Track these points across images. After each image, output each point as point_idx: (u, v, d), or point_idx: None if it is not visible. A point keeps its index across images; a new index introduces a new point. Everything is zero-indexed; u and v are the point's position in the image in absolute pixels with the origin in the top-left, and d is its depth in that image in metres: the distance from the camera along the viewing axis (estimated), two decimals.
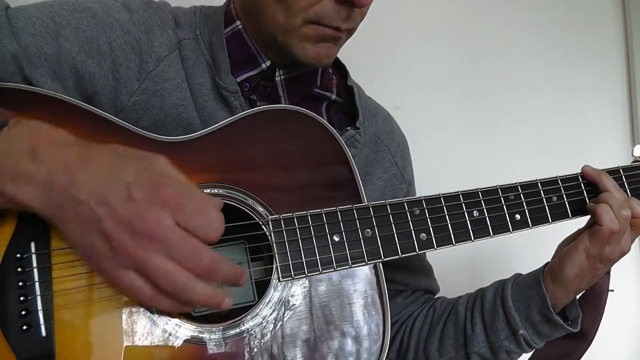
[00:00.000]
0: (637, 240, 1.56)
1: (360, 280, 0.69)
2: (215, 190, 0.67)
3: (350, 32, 0.78)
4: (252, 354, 0.63)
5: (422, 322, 0.93)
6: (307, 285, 0.67)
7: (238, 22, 0.80)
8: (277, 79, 0.81)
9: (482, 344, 0.86)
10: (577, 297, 0.85)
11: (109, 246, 0.52)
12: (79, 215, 0.52)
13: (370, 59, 1.39)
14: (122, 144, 0.64)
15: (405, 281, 0.95)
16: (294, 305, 0.66)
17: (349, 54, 0.90)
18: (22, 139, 0.54)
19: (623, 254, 0.80)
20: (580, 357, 0.87)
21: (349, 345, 0.67)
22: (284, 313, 0.65)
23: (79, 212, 0.52)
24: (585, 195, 0.82)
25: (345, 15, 0.73)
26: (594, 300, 0.85)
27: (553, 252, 0.86)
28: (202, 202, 0.55)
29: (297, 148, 0.72)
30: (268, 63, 0.80)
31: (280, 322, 0.65)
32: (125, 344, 0.58)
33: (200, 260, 0.53)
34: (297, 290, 0.67)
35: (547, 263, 0.85)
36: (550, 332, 0.83)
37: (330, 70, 0.88)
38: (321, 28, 0.73)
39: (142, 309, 0.59)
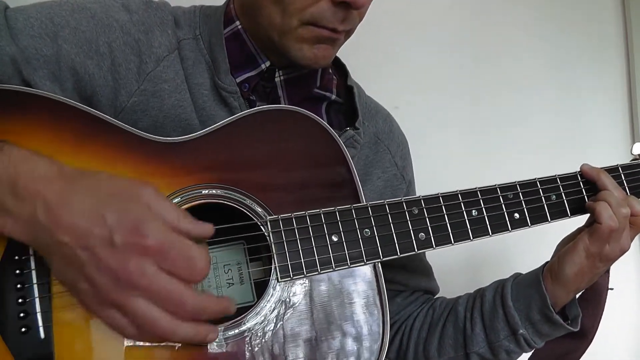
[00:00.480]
0: (637, 239, 1.56)
1: (359, 280, 0.69)
2: (214, 191, 0.67)
3: (348, 33, 0.77)
4: (252, 354, 0.63)
5: (421, 322, 0.93)
6: (306, 285, 0.67)
7: (237, 22, 0.80)
8: (277, 79, 0.81)
9: (482, 343, 0.86)
10: (577, 296, 0.84)
11: (92, 288, 0.52)
12: (63, 256, 0.52)
13: (370, 59, 1.39)
14: (121, 145, 0.65)
15: (405, 281, 0.95)
16: (293, 305, 0.66)
17: (349, 53, 0.90)
18: (2, 171, 0.53)
19: (623, 252, 0.80)
20: (581, 356, 0.86)
21: (349, 345, 0.67)
22: (283, 313, 0.65)
23: (62, 253, 0.52)
24: (585, 193, 0.82)
25: (342, 16, 0.72)
26: (594, 299, 0.85)
27: (552, 251, 0.86)
28: (184, 246, 0.53)
29: (295, 148, 0.71)
30: (267, 64, 0.79)
31: (280, 323, 0.65)
32: (125, 345, 0.58)
33: (183, 306, 0.53)
34: (296, 290, 0.67)
35: (547, 262, 0.85)
36: (550, 332, 0.83)
37: (330, 71, 0.88)
38: (318, 29, 0.73)
39: None
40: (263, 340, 0.64)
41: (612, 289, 0.84)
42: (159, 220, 0.53)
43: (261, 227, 0.66)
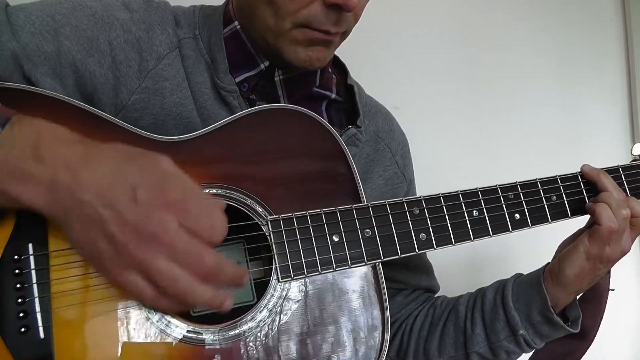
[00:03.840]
0: (637, 240, 1.56)
1: (359, 280, 0.69)
2: (214, 191, 0.66)
3: (343, 34, 0.77)
4: (252, 354, 0.63)
5: (422, 321, 0.93)
6: (307, 285, 0.67)
7: (236, 23, 0.80)
8: (276, 79, 0.81)
9: (482, 343, 0.86)
10: (578, 297, 0.84)
11: (113, 248, 0.52)
12: (83, 216, 0.52)
13: (370, 59, 1.39)
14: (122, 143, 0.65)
15: (405, 280, 0.95)
16: (293, 305, 0.66)
17: (348, 53, 0.90)
18: (25, 137, 0.53)
19: (623, 253, 0.80)
20: (582, 356, 0.86)
21: (349, 344, 0.67)
22: (283, 313, 0.65)
23: (83, 213, 0.52)
24: (585, 194, 0.82)
25: (334, 19, 0.72)
26: (594, 299, 0.85)
27: (553, 252, 0.86)
28: (206, 204, 0.54)
29: (296, 147, 0.71)
30: (267, 64, 0.79)
31: (280, 322, 0.65)
32: (123, 345, 0.58)
33: (203, 264, 0.53)
34: (297, 290, 0.66)
35: (548, 263, 0.85)
36: (550, 333, 0.83)
37: (330, 70, 0.88)
38: (311, 32, 0.73)
39: (140, 310, 0.59)
40: (262, 340, 0.64)
41: (613, 289, 0.84)
42: (179, 180, 0.54)
43: (262, 226, 0.66)
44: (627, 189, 0.85)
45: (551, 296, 0.81)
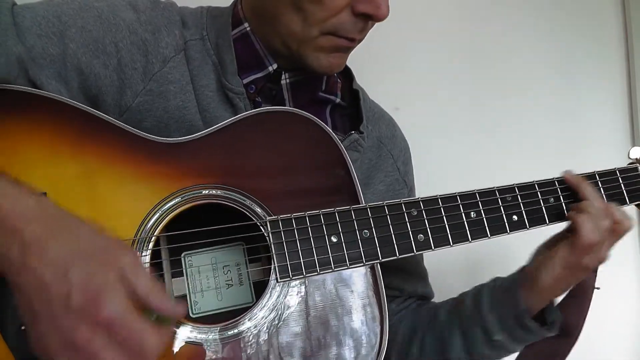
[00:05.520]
0: (637, 239, 1.56)
1: (358, 281, 0.69)
2: (214, 191, 0.67)
3: (360, 41, 0.78)
4: (249, 355, 0.63)
5: (406, 328, 0.92)
6: (305, 285, 0.67)
7: (246, 24, 0.80)
8: (283, 82, 0.81)
9: (459, 350, 0.84)
10: (566, 294, 0.83)
11: (42, 342, 0.50)
12: (24, 299, 0.50)
13: (371, 59, 1.39)
14: (122, 145, 0.65)
15: (401, 286, 0.94)
16: (292, 305, 0.66)
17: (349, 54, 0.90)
18: None
19: (601, 262, 0.78)
20: (567, 355, 0.85)
21: (348, 344, 0.67)
22: (282, 313, 0.66)
23: (23, 294, 0.50)
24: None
25: (361, 27, 0.74)
26: (579, 297, 0.83)
27: None
28: (137, 328, 0.49)
29: (296, 150, 0.72)
30: (275, 66, 0.80)
31: (278, 323, 0.65)
32: None
33: None
34: (295, 290, 0.67)
35: (524, 266, 0.84)
36: (525, 337, 0.81)
37: (335, 74, 0.88)
38: (336, 39, 0.74)
39: None
40: (260, 341, 0.64)
41: (598, 288, 0.84)
42: (122, 294, 0.49)
43: (261, 227, 0.67)
44: (625, 192, 0.84)
45: (525, 301, 0.79)
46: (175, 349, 0.61)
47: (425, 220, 0.72)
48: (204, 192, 0.67)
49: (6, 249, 0.50)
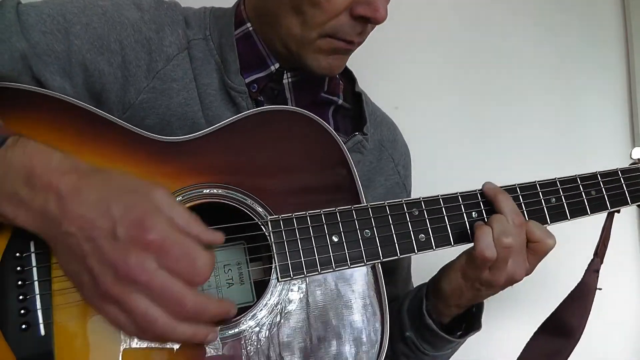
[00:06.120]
0: (637, 239, 1.56)
1: (359, 281, 0.69)
2: (215, 191, 0.67)
3: (360, 43, 0.79)
4: (250, 354, 0.63)
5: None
6: (306, 285, 0.67)
7: (249, 24, 0.80)
8: (285, 81, 0.82)
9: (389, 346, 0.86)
10: (568, 294, 0.83)
11: (92, 281, 0.51)
12: (67, 247, 0.52)
13: (370, 59, 1.38)
14: (123, 144, 0.65)
15: (396, 293, 0.94)
16: (293, 304, 0.66)
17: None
18: (18, 162, 0.53)
19: (513, 280, 0.74)
20: (569, 355, 0.85)
21: (348, 344, 0.67)
22: (283, 313, 0.66)
23: (68, 243, 0.52)
24: (584, 197, 0.82)
25: (360, 29, 0.74)
26: (581, 298, 0.83)
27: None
28: (187, 245, 0.52)
29: (297, 149, 0.72)
30: (277, 65, 0.80)
31: (279, 322, 0.65)
32: (124, 343, 0.58)
33: (182, 305, 0.51)
34: (296, 290, 0.67)
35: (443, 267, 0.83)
36: (431, 339, 0.81)
37: (337, 75, 0.89)
38: (335, 42, 0.75)
39: None
40: (261, 340, 0.64)
41: (600, 289, 0.84)
42: (165, 219, 0.52)
43: (262, 226, 0.67)
44: (626, 192, 0.84)
45: (432, 305, 0.80)
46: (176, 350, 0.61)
47: (427, 220, 0.73)
48: (205, 191, 0.66)
49: (43, 206, 0.52)
